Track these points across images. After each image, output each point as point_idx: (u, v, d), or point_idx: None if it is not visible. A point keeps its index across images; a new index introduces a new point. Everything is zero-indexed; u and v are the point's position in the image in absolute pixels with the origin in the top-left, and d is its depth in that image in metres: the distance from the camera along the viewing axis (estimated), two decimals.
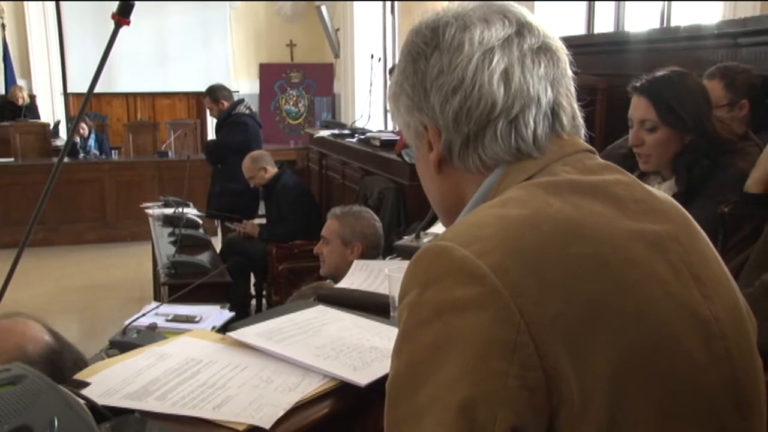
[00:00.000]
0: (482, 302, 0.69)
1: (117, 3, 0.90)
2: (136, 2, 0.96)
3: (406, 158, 1.04)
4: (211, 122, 7.78)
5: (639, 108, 1.99)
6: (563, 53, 0.87)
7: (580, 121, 0.88)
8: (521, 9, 0.87)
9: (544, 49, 0.85)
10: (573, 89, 0.88)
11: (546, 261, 0.71)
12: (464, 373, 0.67)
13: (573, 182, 0.80)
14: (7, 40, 9.65)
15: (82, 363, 1.37)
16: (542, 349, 0.68)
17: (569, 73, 0.88)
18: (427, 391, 0.68)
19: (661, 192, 0.89)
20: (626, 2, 5.09)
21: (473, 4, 0.87)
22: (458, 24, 0.84)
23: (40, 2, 9.67)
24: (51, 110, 9.73)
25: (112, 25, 1.01)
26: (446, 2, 0.95)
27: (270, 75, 10.61)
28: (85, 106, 1.13)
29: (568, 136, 0.86)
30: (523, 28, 0.84)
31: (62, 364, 1.34)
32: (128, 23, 0.85)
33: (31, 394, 0.86)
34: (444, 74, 0.83)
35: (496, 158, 0.83)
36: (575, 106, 0.88)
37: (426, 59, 0.85)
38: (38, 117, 9.26)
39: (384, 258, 2.26)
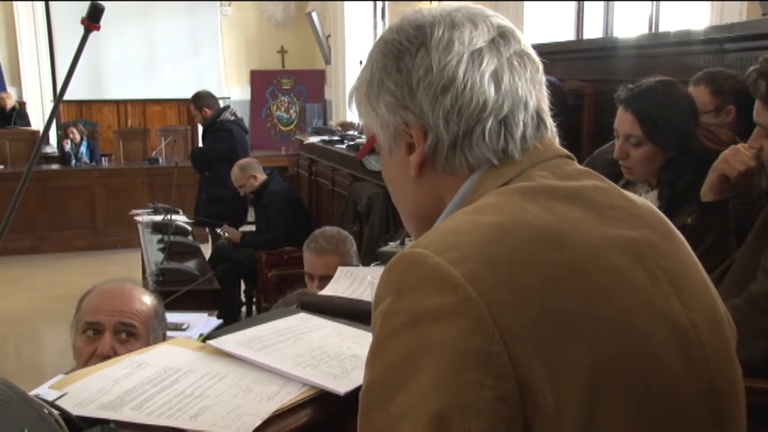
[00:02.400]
0: (456, 311, 0.67)
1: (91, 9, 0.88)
2: (127, 11, 0.95)
3: (367, 165, 1.02)
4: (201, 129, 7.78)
5: (624, 123, 2.01)
6: (539, 62, 0.87)
7: (555, 129, 0.88)
8: (498, 15, 0.87)
9: (525, 55, 0.85)
10: (547, 101, 0.88)
11: (521, 269, 0.70)
12: (438, 384, 0.66)
13: (550, 187, 0.79)
14: None
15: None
16: (516, 358, 0.66)
17: (545, 83, 0.88)
18: (401, 401, 0.67)
19: (641, 198, 0.89)
20: (615, 2, 5.11)
21: (453, 6, 0.86)
22: (446, 23, 0.82)
23: (31, 10, 9.66)
24: (41, 117, 9.70)
25: (102, 32, 1.00)
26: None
27: (261, 81, 10.62)
28: (55, 111, 1.11)
29: (549, 141, 0.85)
30: (505, 33, 0.84)
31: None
32: (98, 28, 0.84)
33: (1, 406, 0.84)
34: (433, 72, 0.81)
35: (480, 158, 0.82)
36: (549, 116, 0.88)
37: (411, 57, 0.82)
38: (29, 124, 9.24)
39: (369, 264, 2.25)
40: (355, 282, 1.61)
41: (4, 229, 0.87)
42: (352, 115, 7.49)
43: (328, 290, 1.58)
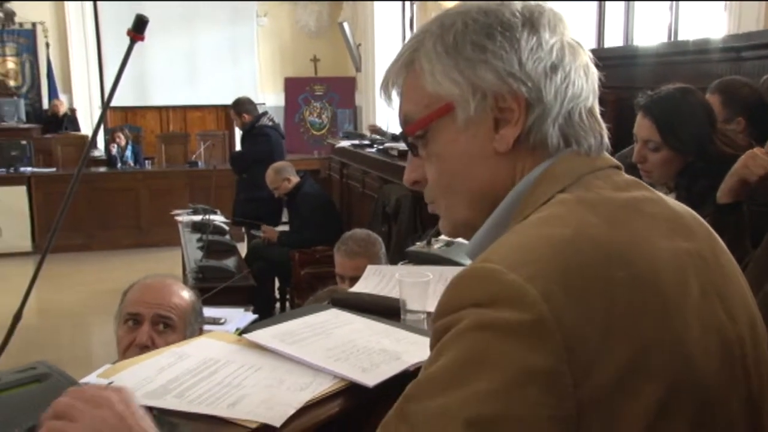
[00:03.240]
0: (529, 328, 0.64)
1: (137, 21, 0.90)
2: (169, 22, 0.97)
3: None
4: (239, 133, 7.84)
5: (643, 128, 2.00)
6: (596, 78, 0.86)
7: None
8: None
9: (589, 67, 0.84)
10: None
11: (589, 286, 0.67)
12: (499, 391, 0.63)
13: (609, 200, 0.76)
14: (51, 58, 9.83)
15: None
16: (580, 380, 0.64)
17: None
18: (455, 396, 0.64)
19: (683, 206, 0.85)
20: (635, 4, 5.05)
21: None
22: (549, 11, 0.81)
23: (81, 23, 9.85)
24: (90, 123, 9.88)
25: (147, 42, 1.02)
26: None
27: (295, 88, 10.68)
28: (103, 116, 1.13)
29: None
30: (576, 41, 0.84)
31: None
32: (142, 39, 0.86)
33: (55, 391, 0.86)
34: (543, 49, 0.78)
35: (578, 138, 0.80)
36: None
37: (519, 30, 0.78)
38: (78, 129, 9.42)
39: (396, 263, 2.25)
40: (384, 279, 1.61)
41: (55, 227, 0.89)
42: (381, 120, 7.49)
43: (358, 287, 1.60)
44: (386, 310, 1.39)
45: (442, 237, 1.96)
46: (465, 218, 0.85)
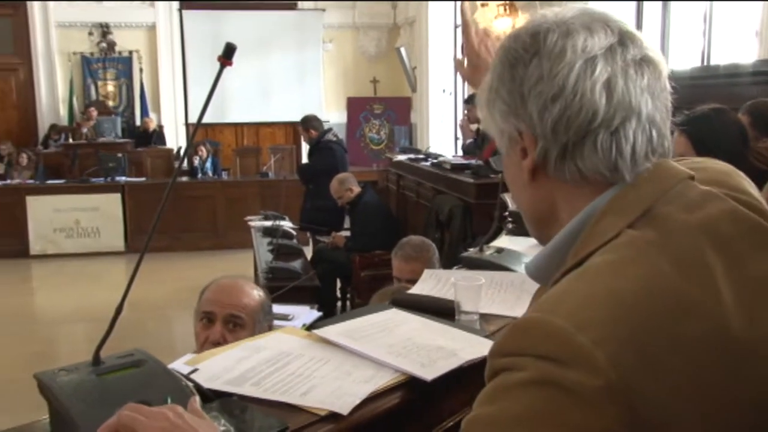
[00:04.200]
0: (593, 393, 0.58)
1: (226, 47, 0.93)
2: (245, 48, 0.99)
3: (494, 165, 0.94)
4: (306, 147, 7.96)
5: (679, 145, 1.96)
6: (664, 66, 0.74)
7: (670, 143, 0.75)
8: (622, 19, 0.75)
9: (646, 61, 0.72)
10: (670, 106, 0.75)
11: (660, 348, 0.60)
12: None
13: (681, 231, 0.67)
14: (143, 81, 10.22)
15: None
16: None
17: (668, 87, 0.75)
18: None
19: (762, 203, 0.75)
20: (670, 41, 4.91)
21: (573, 11, 0.74)
22: (560, 30, 0.72)
23: (170, 51, 10.20)
24: (175, 138, 10.20)
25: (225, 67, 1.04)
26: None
27: (356, 107, 10.78)
28: (195, 134, 1.16)
29: (663, 161, 0.73)
30: (625, 38, 0.72)
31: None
32: (231, 64, 0.88)
33: (151, 376, 0.89)
34: (544, 81, 0.71)
35: (594, 171, 0.71)
36: (668, 125, 0.75)
37: (525, 65, 0.73)
38: (165, 143, 9.74)
39: (449, 267, 2.24)
40: (440, 282, 1.60)
41: (152, 230, 0.92)
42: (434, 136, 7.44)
43: (416, 289, 1.59)
44: (442, 311, 1.38)
45: (494, 243, 1.94)
46: (532, 233, 0.84)
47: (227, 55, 0.89)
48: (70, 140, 9.36)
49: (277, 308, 2.74)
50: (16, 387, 3.94)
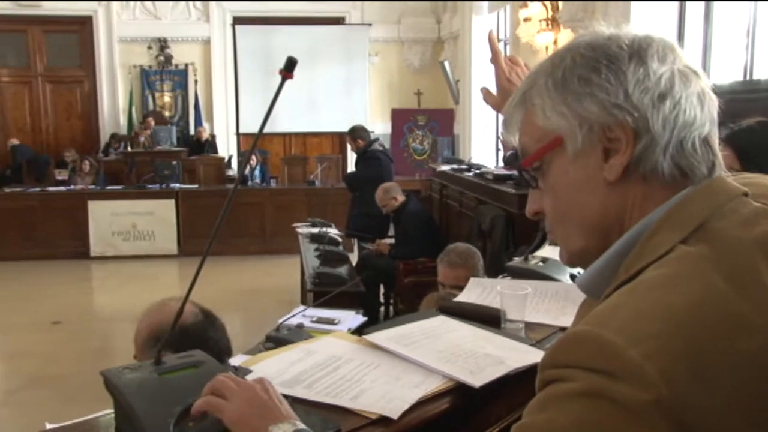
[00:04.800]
0: (642, 407, 0.57)
1: (284, 61, 0.94)
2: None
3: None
4: (351, 157, 8.00)
5: (725, 159, 1.89)
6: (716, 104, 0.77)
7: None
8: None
9: (707, 93, 0.76)
10: None
11: (712, 363, 0.59)
12: None
13: (736, 246, 0.66)
14: (198, 92, 10.49)
15: (224, 343, 1.60)
16: None
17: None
18: None
19: None
20: (712, 56, 4.77)
21: (642, 32, 0.76)
22: (658, 41, 0.74)
23: (223, 64, 10.44)
24: (226, 147, 10.41)
25: (274, 78, 1.06)
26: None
27: (400, 118, 10.80)
28: (256, 143, 1.18)
29: (719, 176, 0.75)
30: (687, 72, 0.75)
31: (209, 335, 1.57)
32: (292, 77, 0.89)
33: (210, 375, 0.90)
34: (649, 79, 0.72)
35: (692, 168, 0.72)
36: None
37: (626, 62, 0.73)
38: (216, 152, 9.93)
39: (491, 276, 2.22)
40: (485, 291, 1.59)
41: (213, 234, 0.94)
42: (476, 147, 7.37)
43: (462, 297, 1.58)
44: (488, 319, 1.37)
45: (538, 253, 1.91)
46: (580, 248, 0.78)
47: (288, 68, 0.90)
48: (129, 148, 9.65)
49: (324, 312, 2.77)
50: (80, 379, 4.08)
